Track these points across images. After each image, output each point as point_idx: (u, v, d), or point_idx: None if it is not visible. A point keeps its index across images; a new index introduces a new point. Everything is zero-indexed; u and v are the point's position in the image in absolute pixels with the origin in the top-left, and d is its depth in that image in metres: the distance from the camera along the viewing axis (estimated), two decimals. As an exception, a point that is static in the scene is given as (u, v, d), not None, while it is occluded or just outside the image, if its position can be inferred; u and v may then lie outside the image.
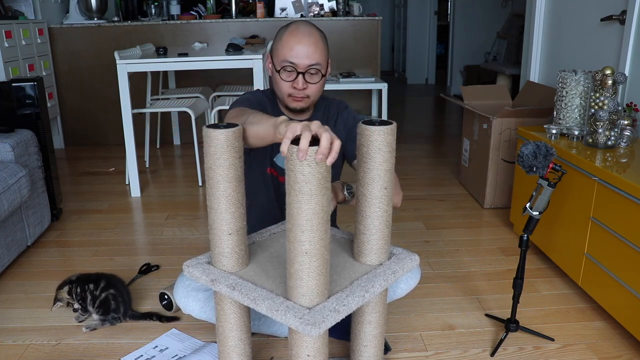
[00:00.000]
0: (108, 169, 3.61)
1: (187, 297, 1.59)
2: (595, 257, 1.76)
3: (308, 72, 1.51)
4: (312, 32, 1.51)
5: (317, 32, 1.53)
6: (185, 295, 1.59)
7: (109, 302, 1.73)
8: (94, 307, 1.73)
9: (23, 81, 2.46)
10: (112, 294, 1.74)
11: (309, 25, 1.54)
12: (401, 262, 1.28)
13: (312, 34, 1.51)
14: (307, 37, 1.50)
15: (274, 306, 1.11)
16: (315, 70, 1.51)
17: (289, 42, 1.51)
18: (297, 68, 1.50)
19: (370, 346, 1.36)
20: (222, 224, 1.22)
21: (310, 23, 1.56)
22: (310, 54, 1.49)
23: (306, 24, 1.54)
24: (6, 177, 2.02)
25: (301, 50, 1.49)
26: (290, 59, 1.50)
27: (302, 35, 1.49)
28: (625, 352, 1.61)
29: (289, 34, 1.51)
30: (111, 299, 1.73)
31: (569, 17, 2.74)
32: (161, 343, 1.65)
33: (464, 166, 3.11)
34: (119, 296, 1.75)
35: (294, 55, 1.49)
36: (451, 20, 7.06)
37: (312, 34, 1.51)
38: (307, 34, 1.50)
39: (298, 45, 1.49)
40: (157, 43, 3.99)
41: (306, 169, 1.00)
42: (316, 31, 1.53)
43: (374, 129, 1.15)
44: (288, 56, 1.50)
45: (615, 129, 1.91)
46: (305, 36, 1.50)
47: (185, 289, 1.59)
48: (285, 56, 1.50)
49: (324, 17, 4.27)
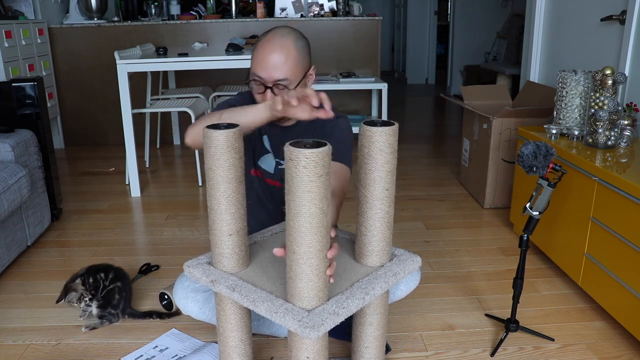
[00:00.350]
0: (108, 169, 3.61)
1: (186, 298, 1.59)
2: (595, 257, 1.76)
3: (276, 86, 1.44)
4: (284, 43, 1.42)
5: (291, 43, 1.43)
6: (184, 297, 1.59)
7: (113, 295, 1.73)
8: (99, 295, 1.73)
9: (23, 81, 2.46)
10: (118, 287, 1.75)
11: (283, 36, 1.43)
12: (402, 263, 1.28)
13: (283, 47, 1.41)
14: (277, 50, 1.41)
15: (273, 308, 1.11)
16: (282, 86, 1.44)
17: (258, 54, 1.43)
18: (264, 82, 1.44)
19: (371, 347, 1.36)
20: (222, 225, 1.22)
21: (288, 32, 1.46)
22: (277, 68, 1.41)
23: (281, 34, 1.44)
24: (6, 177, 2.02)
25: (268, 63, 1.41)
26: (258, 73, 1.44)
27: (272, 48, 1.41)
28: (625, 352, 1.61)
29: (261, 44, 1.44)
30: (116, 292, 1.74)
31: (569, 17, 2.74)
32: (161, 343, 1.65)
33: (464, 166, 3.11)
34: (123, 291, 1.76)
35: (261, 68, 1.43)
36: (451, 20, 7.06)
37: (283, 46, 1.41)
38: (278, 46, 1.41)
39: (266, 58, 1.41)
40: (157, 43, 3.99)
41: (306, 171, 1.00)
42: (290, 42, 1.43)
43: (376, 129, 1.15)
44: (256, 69, 1.44)
45: (615, 129, 1.91)
46: (276, 49, 1.41)
47: (184, 290, 1.60)
48: (254, 68, 1.45)
49: (324, 17, 4.27)
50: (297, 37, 1.46)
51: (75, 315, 1.79)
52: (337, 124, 1.57)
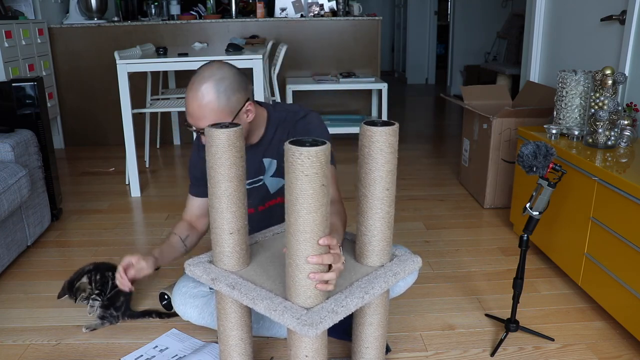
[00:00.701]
0: (108, 169, 3.61)
1: (185, 304, 1.59)
2: (595, 257, 1.76)
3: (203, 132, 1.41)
4: (204, 92, 1.36)
5: (211, 90, 1.36)
6: (183, 303, 1.59)
7: (118, 297, 1.73)
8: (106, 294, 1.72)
9: (23, 81, 2.46)
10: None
11: (202, 82, 1.37)
12: (402, 263, 1.28)
13: (203, 96, 1.36)
14: (197, 99, 1.37)
15: (272, 306, 1.11)
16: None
17: (185, 99, 1.40)
18: (195, 128, 1.42)
19: (371, 348, 1.36)
20: (223, 223, 1.22)
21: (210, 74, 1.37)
22: (199, 119, 1.39)
23: (201, 80, 1.37)
24: (6, 177, 2.02)
25: (191, 113, 1.39)
26: (187, 119, 1.42)
27: (193, 96, 1.38)
28: (625, 352, 1.61)
29: (187, 89, 1.40)
30: (121, 294, 1.74)
31: (569, 17, 2.74)
32: (161, 343, 1.65)
33: (464, 166, 3.11)
34: (127, 293, 1.75)
35: (188, 116, 1.41)
36: (451, 20, 7.06)
37: (203, 94, 1.36)
38: (197, 95, 1.37)
39: (188, 107, 1.39)
40: (157, 43, 3.99)
41: (306, 171, 1.00)
42: (210, 88, 1.36)
43: (376, 129, 1.15)
44: (186, 114, 1.42)
45: (615, 129, 1.92)
46: (196, 98, 1.37)
47: (182, 296, 1.59)
48: (186, 112, 1.42)
49: (323, 17, 4.27)
50: (219, 79, 1.38)
51: (76, 315, 1.79)
52: (309, 122, 1.53)
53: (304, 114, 1.55)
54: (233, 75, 1.41)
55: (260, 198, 1.63)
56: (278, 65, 3.53)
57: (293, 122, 1.54)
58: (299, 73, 4.33)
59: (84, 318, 1.77)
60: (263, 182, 1.60)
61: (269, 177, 1.60)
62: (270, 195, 1.62)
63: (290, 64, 4.24)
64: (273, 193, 1.61)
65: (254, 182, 1.61)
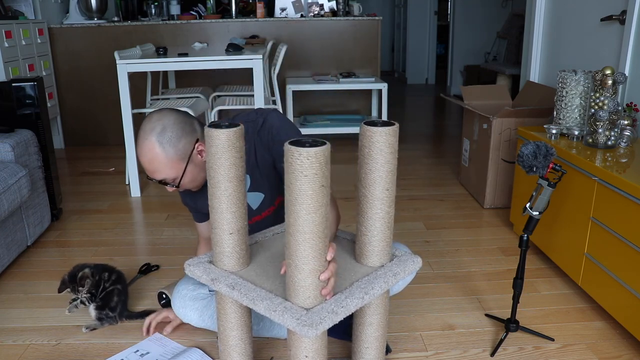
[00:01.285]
0: (108, 169, 3.61)
1: (185, 307, 1.59)
2: (595, 257, 1.76)
3: (164, 184, 1.46)
4: (149, 147, 1.38)
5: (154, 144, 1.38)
6: (183, 306, 1.59)
7: (112, 297, 1.73)
8: (97, 297, 1.72)
9: (23, 81, 2.46)
10: (118, 290, 1.74)
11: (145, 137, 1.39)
12: (403, 264, 1.28)
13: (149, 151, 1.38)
14: (145, 155, 1.40)
15: (272, 306, 1.11)
16: (169, 183, 1.45)
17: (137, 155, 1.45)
18: (157, 181, 1.45)
19: (371, 348, 1.36)
20: (223, 224, 1.22)
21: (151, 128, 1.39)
22: (152, 172, 1.42)
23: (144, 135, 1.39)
24: (6, 177, 2.02)
25: (145, 167, 1.42)
26: (146, 171, 1.45)
27: (141, 153, 1.41)
28: (625, 352, 1.61)
29: (136, 144, 1.44)
30: (115, 294, 1.73)
31: (569, 17, 2.74)
32: (142, 347, 1.64)
33: (464, 166, 3.11)
34: (122, 294, 1.75)
35: (144, 169, 1.44)
36: (451, 20, 7.06)
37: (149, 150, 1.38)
38: (144, 151, 1.39)
39: (141, 162, 1.43)
40: (157, 43, 3.99)
41: (306, 172, 1.00)
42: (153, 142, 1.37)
43: (376, 130, 1.15)
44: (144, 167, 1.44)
45: (615, 129, 1.92)
46: (143, 154, 1.40)
47: (181, 299, 1.59)
48: None
49: (323, 17, 4.27)
50: (161, 131, 1.38)
51: (76, 315, 1.78)
52: (271, 126, 1.46)
53: (262, 120, 1.47)
54: (174, 122, 1.41)
55: None
56: (278, 65, 3.54)
57: (255, 133, 1.47)
58: (299, 73, 4.33)
59: (84, 318, 1.77)
60: None
61: (247, 192, 1.58)
62: (253, 212, 1.59)
63: (290, 64, 4.24)
64: (256, 209, 1.59)
65: None
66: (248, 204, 1.58)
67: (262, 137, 1.46)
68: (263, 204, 1.57)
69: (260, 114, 1.49)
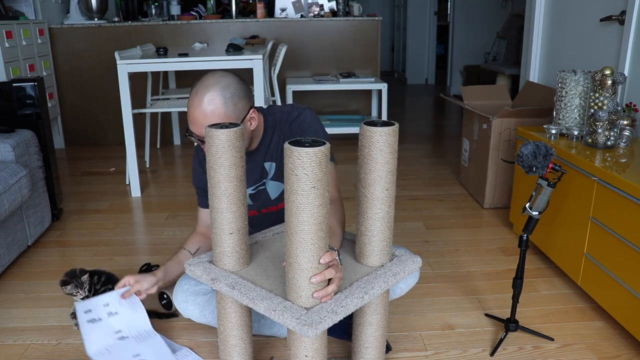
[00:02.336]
0: (108, 169, 3.62)
1: (186, 301, 1.59)
2: (595, 257, 1.76)
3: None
4: (209, 98, 1.36)
5: (217, 96, 1.36)
6: (184, 300, 1.59)
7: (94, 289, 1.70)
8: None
9: (23, 81, 2.46)
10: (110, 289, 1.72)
11: (208, 89, 1.36)
12: (403, 264, 1.29)
13: (209, 102, 1.35)
14: (202, 106, 1.36)
15: (272, 306, 1.11)
16: None
17: (188, 108, 1.40)
18: (198, 137, 1.42)
19: (371, 348, 1.36)
20: (223, 223, 1.23)
21: (216, 82, 1.37)
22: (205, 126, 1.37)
23: (206, 86, 1.37)
24: (7, 177, 2.02)
25: (196, 120, 1.38)
26: (190, 128, 1.41)
27: (198, 103, 1.37)
28: (625, 352, 1.61)
29: (190, 97, 1.39)
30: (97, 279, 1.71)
31: (568, 17, 2.75)
32: (114, 305, 1.55)
33: (464, 166, 3.11)
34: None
35: (191, 124, 1.40)
36: (451, 20, 7.06)
37: (209, 101, 1.35)
38: (203, 102, 1.36)
39: (193, 115, 1.38)
40: (157, 43, 3.99)
41: (306, 171, 1.01)
42: (215, 95, 1.36)
43: (376, 130, 1.16)
44: (189, 124, 1.41)
45: (614, 129, 1.92)
46: (201, 105, 1.36)
47: (183, 293, 1.60)
48: (188, 122, 1.42)
49: (324, 18, 4.27)
50: (225, 86, 1.38)
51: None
52: (303, 121, 1.52)
53: (297, 114, 1.54)
54: (237, 82, 1.42)
55: (263, 202, 1.64)
56: (278, 66, 3.54)
57: (287, 124, 1.54)
58: (299, 73, 4.34)
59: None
60: (265, 186, 1.61)
61: (269, 180, 1.60)
62: (271, 201, 1.62)
63: (290, 64, 4.24)
64: (274, 199, 1.62)
65: (259, 186, 1.62)
66: (267, 193, 1.60)
67: (292, 129, 1.51)
68: (281, 196, 1.59)
69: (296, 109, 1.56)
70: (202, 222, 1.74)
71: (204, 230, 1.72)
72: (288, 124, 1.53)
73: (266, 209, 1.65)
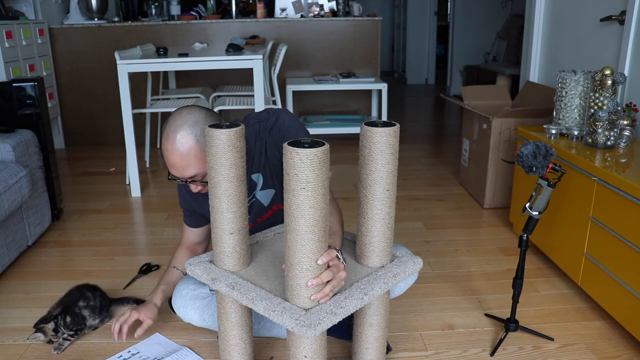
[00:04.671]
0: (108, 169, 3.61)
1: (186, 306, 1.59)
2: (595, 257, 1.76)
3: (192, 182, 1.43)
4: (181, 140, 1.34)
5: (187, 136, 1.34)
6: (184, 305, 1.59)
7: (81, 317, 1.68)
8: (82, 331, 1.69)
9: (23, 81, 2.46)
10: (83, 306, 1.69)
11: (178, 130, 1.35)
12: (403, 264, 1.29)
13: (181, 144, 1.34)
14: (176, 149, 1.35)
15: (271, 307, 1.11)
16: (198, 180, 1.42)
17: (164, 153, 1.39)
18: (180, 179, 1.42)
19: (371, 348, 1.36)
20: (223, 223, 1.23)
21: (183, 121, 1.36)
22: (184, 168, 1.37)
23: (175, 128, 1.35)
24: (7, 177, 2.02)
25: (174, 165, 1.38)
26: (171, 171, 1.41)
27: (172, 148, 1.36)
28: (625, 352, 1.61)
29: (163, 142, 1.38)
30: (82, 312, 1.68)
31: (568, 17, 2.75)
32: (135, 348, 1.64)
33: (464, 166, 3.11)
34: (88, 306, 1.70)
35: (171, 169, 1.39)
36: (451, 20, 7.06)
37: (181, 143, 1.34)
38: (176, 145, 1.35)
39: (170, 160, 1.37)
40: (157, 43, 4.00)
41: (307, 173, 1.01)
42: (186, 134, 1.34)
43: (376, 130, 1.16)
44: (168, 167, 1.40)
45: (614, 129, 1.92)
46: (175, 148, 1.35)
47: (182, 298, 1.60)
48: (167, 166, 1.40)
49: (323, 18, 4.27)
50: (194, 123, 1.36)
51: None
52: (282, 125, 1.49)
53: (274, 119, 1.50)
54: (204, 116, 1.40)
55: (256, 212, 1.63)
56: (278, 66, 3.54)
57: (267, 131, 1.50)
58: (299, 73, 4.34)
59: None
60: (255, 197, 1.59)
61: (259, 191, 1.59)
62: (265, 208, 1.61)
63: (290, 64, 4.24)
64: (267, 206, 1.61)
65: (250, 199, 1.60)
66: (259, 202, 1.59)
67: (273, 135, 1.49)
68: (274, 200, 1.58)
69: (272, 113, 1.52)
70: (186, 238, 1.76)
71: (189, 246, 1.75)
72: (267, 132, 1.50)
73: (261, 217, 1.64)
